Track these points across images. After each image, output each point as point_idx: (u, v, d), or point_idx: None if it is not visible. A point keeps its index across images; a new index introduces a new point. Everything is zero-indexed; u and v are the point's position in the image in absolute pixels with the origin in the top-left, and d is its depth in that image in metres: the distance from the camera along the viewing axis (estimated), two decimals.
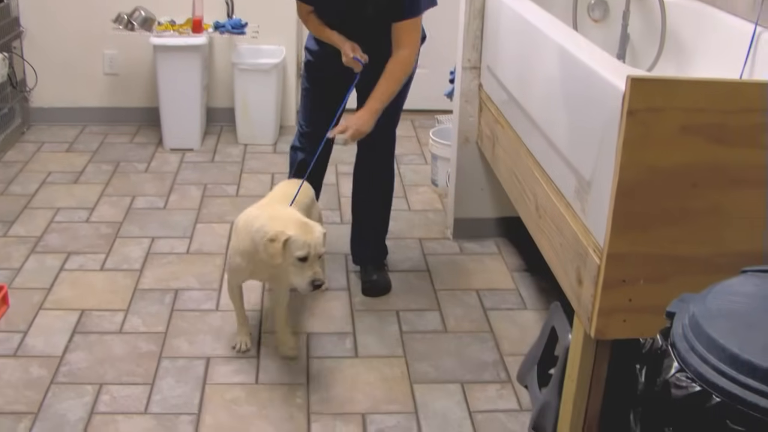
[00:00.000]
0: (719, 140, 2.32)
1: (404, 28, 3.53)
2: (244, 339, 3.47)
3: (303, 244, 3.03)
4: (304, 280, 3.07)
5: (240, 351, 3.44)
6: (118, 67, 5.88)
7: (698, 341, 1.73)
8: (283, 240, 3.02)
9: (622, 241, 2.41)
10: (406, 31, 3.54)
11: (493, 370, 3.39)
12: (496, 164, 3.85)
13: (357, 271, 4.02)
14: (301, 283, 3.08)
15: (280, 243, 3.01)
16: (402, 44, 3.55)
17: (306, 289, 3.10)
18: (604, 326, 2.52)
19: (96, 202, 4.74)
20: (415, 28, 3.56)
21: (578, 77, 2.73)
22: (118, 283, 3.91)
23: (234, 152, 5.59)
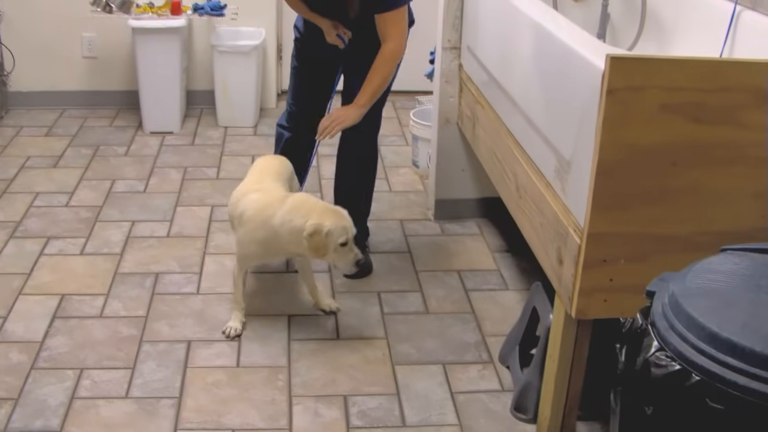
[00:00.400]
0: (699, 119, 2.31)
1: (388, 20, 3.50)
2: (236, 325, 3.45)
3: (342, 231, 3.20)
4: (348, 263, 3.27)
5: (229, 337, 3.43)
6: (96, 50, 5.84)
7: (678, 320, 1.73)
8: (324, 233, 3.16)
9: (602, 221, 2.40)
10: (390, 23, 3.51)
11: (474, 350, 3.39)
12: (476, 145, 3.84)
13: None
14: (345, 265, 3.29)
15: (322, 236, 3.16)
16: (388, 37, 3.53)
17: (351, 269, 3.32)
18: (585, 306, 2.52)
19: (75, 186, 4.71)
20: (401, 18, 3.53)
21: (558, 57, 2.72)
22: (98, 267, 3.89)
23: (214, 135, 5.56)
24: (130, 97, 5.83)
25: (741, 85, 2.29)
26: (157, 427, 2.93)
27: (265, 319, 3.53)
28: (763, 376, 1.58)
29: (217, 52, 5.55)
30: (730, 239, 2.25)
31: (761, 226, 2.43)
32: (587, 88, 2.39)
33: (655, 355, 1.72)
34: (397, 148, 5.31)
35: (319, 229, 3.16)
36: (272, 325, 3.50)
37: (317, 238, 3.17)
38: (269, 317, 3.55)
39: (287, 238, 3.25)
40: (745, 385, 1.58)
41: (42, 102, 5.89)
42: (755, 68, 2.30)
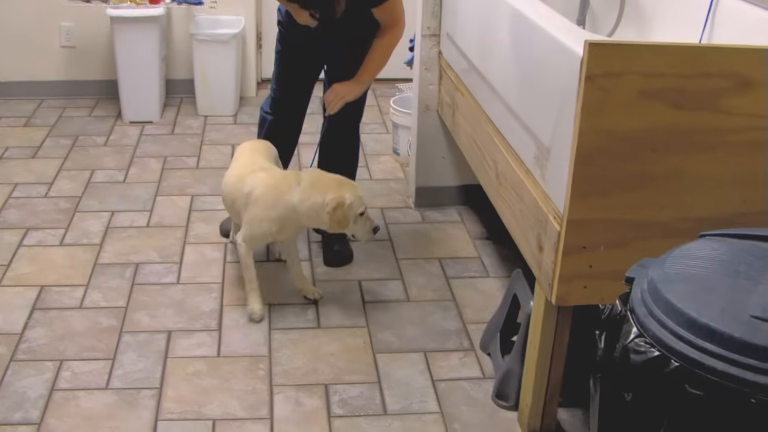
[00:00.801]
0: (678, 105, 2.31)
1: (386, 10, 3.54)
2: (257, 307, 3.48)
3: (360, 201, 3.34)
4: (366, 231, 3.40)
5: (257, 321, 3.45)
6: (75, 39, 5.80)
7: (657, 306, 1.72)
8: (347, 206, 3.28)
9: (581, 207, 2.40)
10: (389, 12, 3.55)
11: (455, 338, 3.38)
12: (456, 132, 3.83)
13: (319, 242, 3.99)
14: (364, 233, 3.40)
15: (345, 209, 3.28)
16: (390, 24, 3.58)
17: (369, 236, 3.44)
18: (565, 293, 2.52)
19: (55, 176, 4.68)
20: (396, 3, 3.56)
21: (537, 43, 2.71)
22: (78, 258, 3.87)
23: (194, 124, 5.53)
24: (109, 87, 5.79)
25: (721, 71, 2.29)
26: (137, 418, 2.92)
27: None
28: (742, 361, 1.58)
29: (196, 41, 5.52)
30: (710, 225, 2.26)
31: (741, 212, 2.43)
32: (566, 75, 2.39)
33: (634, 342, 1.72)
34: (378, 136, 5.30)
35: (341, 203, 3.26)
36: None
37: (340, 211, 3.27)
38: None
39: (307, 215, 3.34)
40: (724, 370, 1.58)
41: (20, 92, 5.84)
42: (735, 54, 2.30)
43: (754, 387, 1.56)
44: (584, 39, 2.25)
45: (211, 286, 3.67)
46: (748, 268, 1.78)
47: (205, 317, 3.47)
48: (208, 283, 3.69)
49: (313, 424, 2.92)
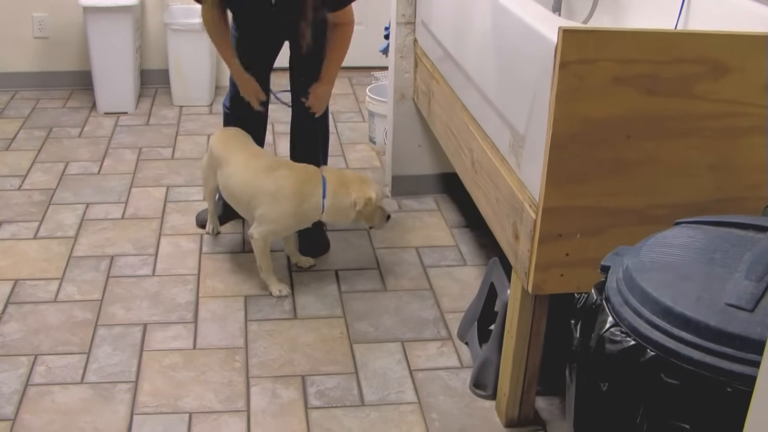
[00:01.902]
0: (652, 91, 2.30)
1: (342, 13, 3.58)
2: (282, 285, 3.60)
3: (382, 195, 3.53)
4: (383, 219, 3.55)
5: (284, 295, 3.56)
6: (48, 30, 5.75)
7: (632, 295, 1.71)
8: (374, 201, 3.46)
9: (557, 195, 2.39)
10: (341, 13, 3.58)
11: (433, 327, 3.37)
12: (432, 120, 3.82)
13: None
14: (381, 222, 3.55)
15: (373, 204, 3.46)
16: (341, 21, 3.60)
17: (385, 224, 3.59)
18: (542, 281, 2.51)
19: (28, 168, 4.64)
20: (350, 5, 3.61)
21: (511, 31, 2.69)
22: (52, 251, 3.83)
23: (169, 114, 5.50)
24: (83, 78, 5.75)
25: (695, 57, 2.27)
26: (113, 412, 2.89)
27: (221, 301, 3.49)
28: (718, 350, 1.57)
29: (170, 31, 5.47)
30: (685, 212, 2.25)
31: (716, 198, 2.42)
32: (540, 62, 2.37)
33: (610, 331, 1.71)
34: (354, 125, 5.28)
35: (369, 199, 3.43)
36: (228, 306, 3.47)
37: (369, 207, 3.45)
38: (225, 298, 3.52)
39: (332, 212, 3.46)
40: (700, 359, 1.57)
41: None
42: (708, 39, 2.28)
43: (730, 375, 1.55)
44: (558, 26, 2.23)
45: (186, 277, 3.64)
46: (723, 255, 1.77)
47: (180, 309, 3.44)
48: (184, 274, 3.66)
49: (290, 416, 2.90)
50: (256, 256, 3.54)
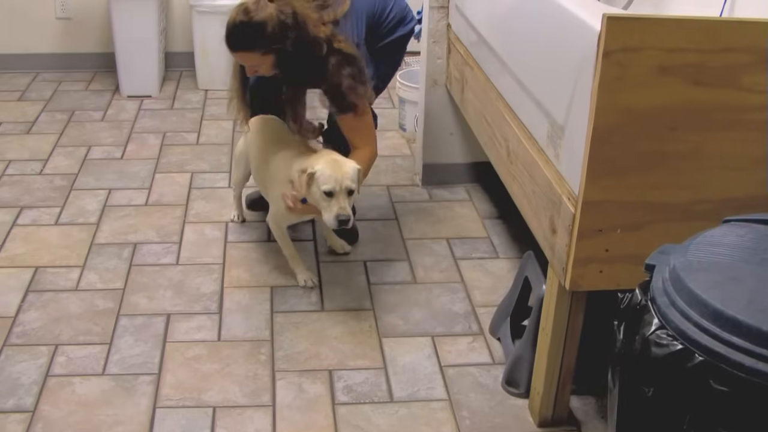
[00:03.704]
0: (698, 81, 2.25)
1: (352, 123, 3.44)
2: (310, 274, 3.56)
3: (331, 179, 3.15)
4: (330, 215, 3.18)
5: (310, 287, 3.53)
6: (70, 10, 5.74)
7: (679, 296, 1.68)
8: (308, 174, 3.16)
9: (597, 189, 2.35)
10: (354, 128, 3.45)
11: (464, 322, 3.34)
12: (465, 108, 3.78)
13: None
14: (328, 217, 3.19)
15: (305, 176, 3.17)
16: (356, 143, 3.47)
17: (333, 223, 3.19)
18: (580, 277, 2.47)
19: (50, 153, 4.64)
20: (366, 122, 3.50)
21: (551, 16, 2.65)
22: (74, 237, 3.83)
23: (194, 98, 5.49)
24: (106, 60, 5.75)
25: (742, 46, 2.23)
26: (135, 405, 2.88)
27: (246, 291, 3.48)
28: None
29: (196, 13, 5.45)
30: (729, 208, 2.22)
31: (763, 194, 2.38)
32: (582, 50, 2.33)
33: (656, 334, 1.68)
34: (384, 111, 5.23)
35: (305, 169, 3.19)
36: (254, 297, 3.45)
37: (302, 177, 3.18)
38: (251, 289, 3.50)
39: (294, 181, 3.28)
40: (752, 366, 1.54)
41: (14, 65, 5.80)
42: (757, 28, 2.24)
43: None
44: (602, 12, 2.19)
45: (211, 267, 3.63)
46: None
47: (205, 299, 3.43)
48: (209, 263, 3.64)
49: (316, 412, 2.88)
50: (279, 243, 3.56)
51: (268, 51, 3.22)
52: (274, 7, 3.18)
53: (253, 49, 3.22)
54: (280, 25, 3.17)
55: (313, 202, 3.24)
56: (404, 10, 3.71)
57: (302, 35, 3.21)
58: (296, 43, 3.21)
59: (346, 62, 3.29)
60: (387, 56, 3.68)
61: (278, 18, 3.16)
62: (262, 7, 3.18)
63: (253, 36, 3.19)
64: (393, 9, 3.64)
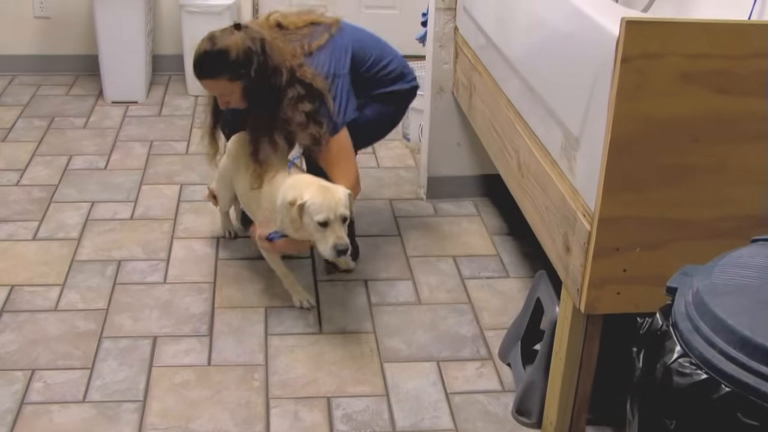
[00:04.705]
0: (724, 89, 2.27)
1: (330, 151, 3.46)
2: (306, 295, 3.57)
3: (323, 209, 3.17)
4: (326, 246, 3.20)
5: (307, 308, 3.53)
6: (50, 8, 5.76)
7: (703, 321, 1.68)
8: (298, 205, 3.19)
9: (615, 204, 2.36)
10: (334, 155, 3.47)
11: (471, 346, 3.34)
12: (473, 116, 3.79)
13: None
14: (324, 249, 3.22)
15: (295, 207, 3.19)
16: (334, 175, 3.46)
17: (330, 254, 3.24)
18: (596, 299, 2.47)
19: (27, 162, 4.65)
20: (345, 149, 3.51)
21: (565, 20, 2.66)
22: (53, 253, 3.83)
23: (183, 104, 5.51)
24: (88, 63, 5.77)
25: None
26: None
27: (239, 312, 3.48)
28: None
29: (186, 13, 5.48)
30: (757, 225, 2.23)
31: None
32: (598, 56, 2.34)
33: (678, 362, 1.67)
34: None
35: (294, 200, 3.20)
36: (247, 318, 3.46)
37: (292, 210, 3.21)
38: (244, 309, 3.51)
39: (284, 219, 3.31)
40: None
41: None
42: None
43: None
44: (620, 16, 2.20)
45: (201, 285, 3.63)
46: None
47: (194, 321, 3.43)
48: (199, 282, 3.65)
49: None
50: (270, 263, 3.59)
51: (235, 77, 3.33)
52: (240, 35, 3.33)
53: (218, 75, 3.34)
54: (245, 51, 3.30)
55: (305, 234, 3.28)
56: (406, 68, 3.81)
57: (265, 61, 3.33)
58: (259, 70, 3.32)
59: (306, 98, 3.38)
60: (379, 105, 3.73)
61: (243, 44, 3.30)
62: (227, 34, 3.35)
63: (217, 62, 3.32)
64: (392, 62, 3.73)
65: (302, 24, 3.57)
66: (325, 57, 3.47)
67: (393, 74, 3.73)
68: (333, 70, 3.46)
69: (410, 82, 3.81)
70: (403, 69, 3.78)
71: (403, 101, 3.84)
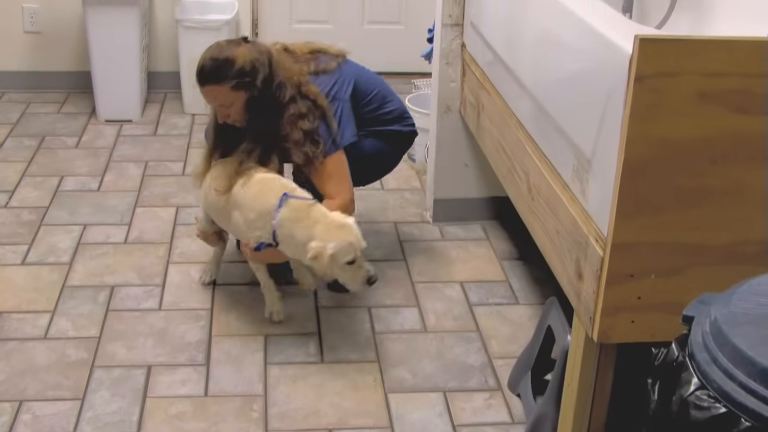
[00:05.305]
0: (743, 109, 2.26)
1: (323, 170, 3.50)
2: (279, 307, 3.62)
3: (348, 249, 3.22)
4: (357, 282, 3.29)
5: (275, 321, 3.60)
6: (41, 23, 5.78)
7: (722, 352, 1.67)
8: (328, 256, 3.19)
9: (629, 229, 2.36)
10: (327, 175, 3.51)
11: (480, 375, 3.34)
12: (481, 136, 3.80)
13: None
14: (354, 285, 3.31)
15: (325, 259, 3.20)
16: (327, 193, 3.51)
17: (361, 289, 3.37)
18: (609, 328, 2.47)
19: (17, 183, 4.66)
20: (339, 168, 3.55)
21: (577, 37, 2.67)
22: (43, 279, 3.84)
23: (180, 123, 5.52)
24: (81, 79, 5.77)
25: None
26: None
27: (237, 340, 3.48)
28: None
29: (182, 28, 5.49)
30: None
31: None
32: (611, 74, 2.34)
33: (695, 394, 1.67)
34: None
35: (321, 254, 3.20)
36: (246, 347, 3.46)
37: (321, 261, 3.21)
38: (242, 337, 3.51)
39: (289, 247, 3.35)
40: None
41: None
42: None
43: None
44: (634, 33, 2.20)
45: (198, 312, 3.64)
46: None
47: (190, 349, 3.43)
48: (195, 309, 3.65)
49: None
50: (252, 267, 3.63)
51: (239, 86, 3.37)
52: (248, 46, 3.42)
53: (222, 81, 3.38)
54: (252, 62, 3.38)
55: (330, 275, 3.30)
56: (406, 112, 3.93)
57: (271, 74, 3.40)
58: (264, 82, 3.38)
59: (306, 116, 3.44)
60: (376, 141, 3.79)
61: (251, 55, 3.38)
62: (234, 45, 3.44)
63: (223, 68, 3.37)
64: (393, 103, 3.85)
65: (308, 50, 3.65)
66: (329, 79, 3.55)
67: (392, 115, 3.82)
68: (335, 92, 3.53)
69: (409, 126, 3.90)
70: (403, 113, 3.88)
71: (401, 144, 3.92)
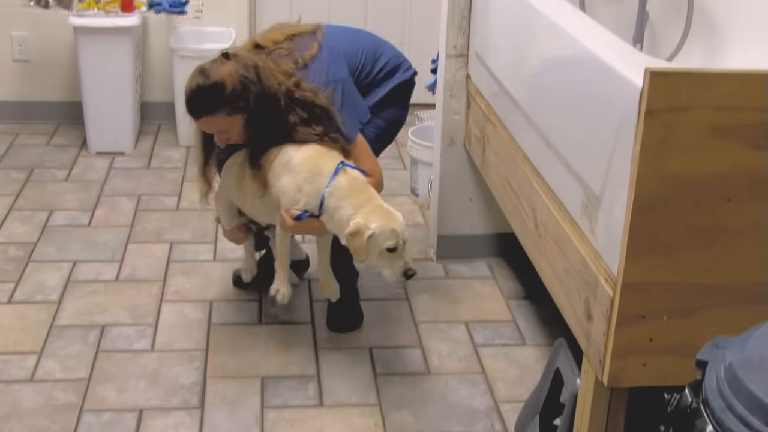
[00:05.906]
0: (758, 144, 2.27)
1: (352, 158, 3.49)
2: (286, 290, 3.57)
3: (389, 235, 3.20)
4: (395, 272, 3.25)
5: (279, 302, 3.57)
6: (30, 52, 5.80)
7: (737, 399, 1.67)
8: (367, 236, 3.18)
9: (639, 268, 2.36)
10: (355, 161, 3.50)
11: (485, 420, 3.34)
12: (486, 171, 3.80)
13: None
14: (392, 275, 3.26)
15: (363, 238, 3.18)
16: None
17: (398, 280, 3.29)
18: (620, 371, 2.47)
19: (4, 217, 4.67)
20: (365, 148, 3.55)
21: (585, 69, 2.68)
22: (30, 318, 3.83)
23: (174, 156, 5.53)
24: (71, 110, 5.79)
25: None
26: None
27: (233, 382, 3.48)
28: None
29: (177, 57, 5.51)
30: None
31: None
32: (621, 108, 2.35)
33: None
34: (393, 173, 5.27)
35: (361, 231, 3.19)
36: (242, 390, 3.45)
37: (358, 240, 3.20)
38: (238, 380, 3.51)
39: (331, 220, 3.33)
40: None
41: None
42: None
43: None
44: (644, 66, 2.21)
45: (192, 353, 3.63)
46: None
47: (184, 392, 3.43)
48: (189, 350, 3.65)
49: None
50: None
51: (234, 111, 3.33)
52: (232, 64, 3.32)
53: (215, 111, 3.34)
54: (241, 82, 3.29)
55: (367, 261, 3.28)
56: (399, 57, 3.82)
57: (262, 90, 3.33)
58: (257, 99, 3.32)
59: (311, 120, 3.41)
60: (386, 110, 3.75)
61: (238, 74, 3.29)
62: (218, 65, 3.34)
63: (213, 97, 3.32)
64: (384, 53, 3.76)
65: (282, 38, 3.56)
66: (321, 65, 3.48)
67: (388, 67, 3.74)
68: (332, 76, 3.47)
69: (407, 71, 3.82)
70: (397, 59, 3.80)
71: (404, 96, 3.84)
